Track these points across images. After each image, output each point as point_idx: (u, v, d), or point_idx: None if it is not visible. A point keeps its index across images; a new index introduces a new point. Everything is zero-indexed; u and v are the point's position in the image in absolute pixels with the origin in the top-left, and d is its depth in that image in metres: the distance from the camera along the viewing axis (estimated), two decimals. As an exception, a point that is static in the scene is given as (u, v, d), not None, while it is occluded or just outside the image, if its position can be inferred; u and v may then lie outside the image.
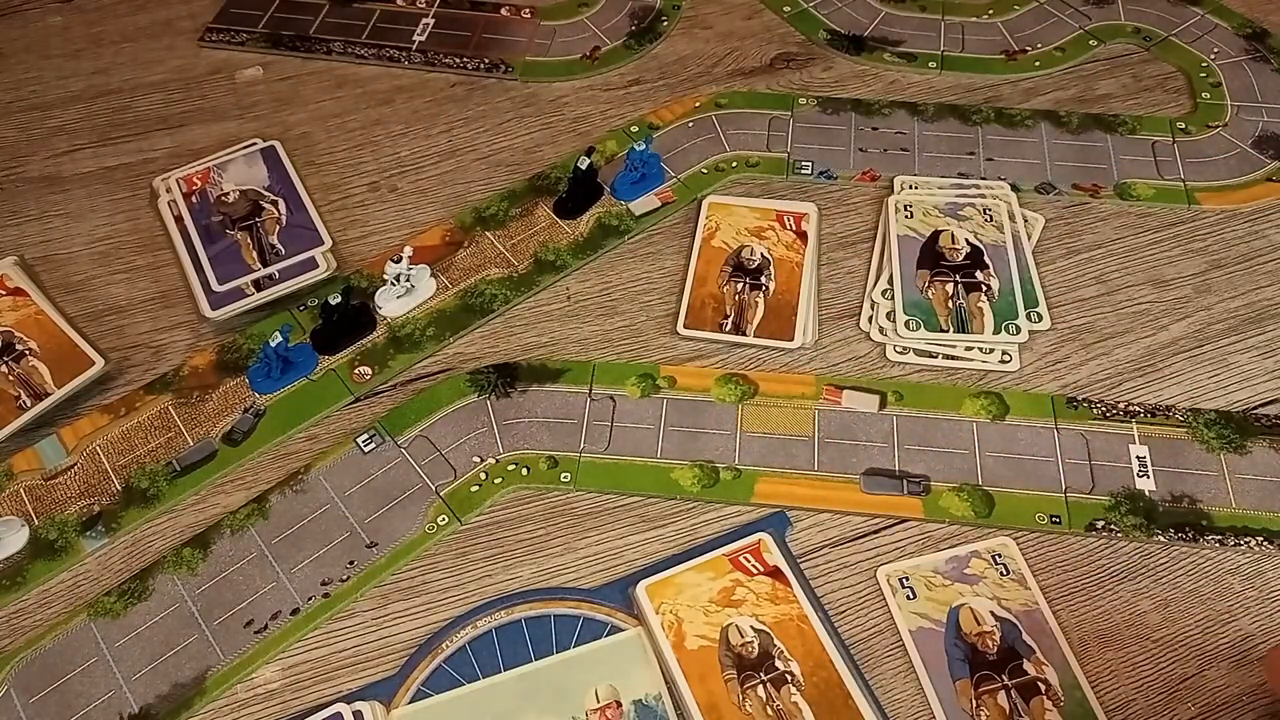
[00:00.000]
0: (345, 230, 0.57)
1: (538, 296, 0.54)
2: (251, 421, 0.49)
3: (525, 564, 0.45)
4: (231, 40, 0.67)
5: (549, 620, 0.43)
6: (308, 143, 0.61)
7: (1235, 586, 0.44)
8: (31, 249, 0.56)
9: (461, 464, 0.48)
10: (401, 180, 0.59)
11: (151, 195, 0.58)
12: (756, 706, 0.40)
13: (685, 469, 0.47)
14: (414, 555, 0.45)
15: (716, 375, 0.50)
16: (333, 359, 0.52)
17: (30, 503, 0.47)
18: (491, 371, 0.51)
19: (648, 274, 0.55)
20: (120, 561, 0.46)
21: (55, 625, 0.44)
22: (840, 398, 0.50)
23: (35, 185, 0.59)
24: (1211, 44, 0.66)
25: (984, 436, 0.48)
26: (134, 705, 0.41)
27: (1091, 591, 0.44)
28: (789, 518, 0.46)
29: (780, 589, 0.43)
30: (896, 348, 0.52)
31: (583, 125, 0.62)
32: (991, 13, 0.68)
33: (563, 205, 0.57)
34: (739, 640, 0.42)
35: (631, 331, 0.53)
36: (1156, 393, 0.50)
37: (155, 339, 0.53)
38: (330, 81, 0.65)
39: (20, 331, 0.51)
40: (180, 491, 0.47)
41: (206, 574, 0.45)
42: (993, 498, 0.46)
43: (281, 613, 0.44)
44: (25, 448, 0.49)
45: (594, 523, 0.46)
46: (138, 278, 0.55)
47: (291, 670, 0.43)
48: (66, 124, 0.63)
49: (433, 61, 0.65)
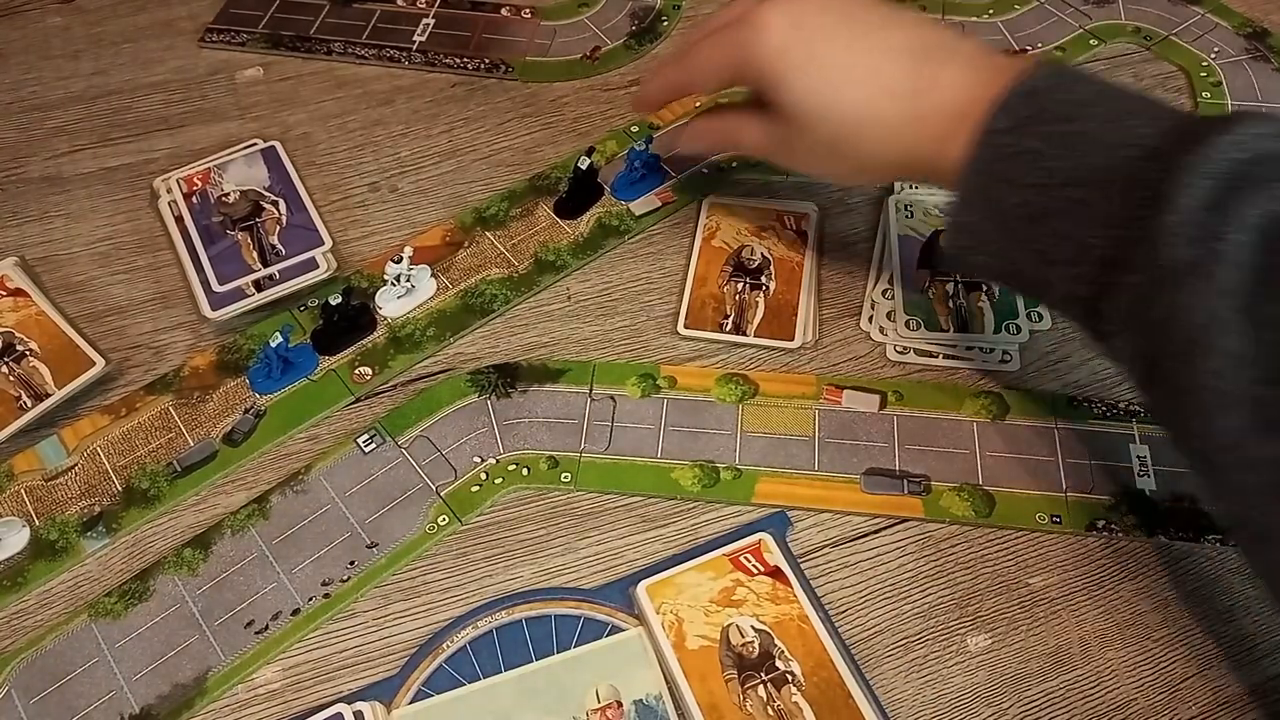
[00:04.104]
0: (346, 230, 0.57)
1: (538, 296, 0.54)
2: (252, 422, 0.49)
3: (526, 564, 0.45)
4: (232, 41, 0.67)
5: (550, 620, 0.43)
6: (308, 143, 0.61)
7: (1235, 586, 0.44)
8: (32, 249, 0.56)
9: (462, 464, 0.48)
10: (402, 180, 0.59)
11: (152, 196, 0.58)
12: (757, 706, 0.40)
13: (686, 469, 0.47)
14: (414, 555, 0.45)
15: (717, 375, 0.51)
16: (333, 359, 0.52)
17: (31, 503, 0.47)
18: (492, 371, 0.51)
19: (648, 274, 0.55)
20: (121, 562, 0.46)
21: (56, 626, 0.44)
22: (840, 398, 0.50)
23: (36, 186, 0.60)
24: (1212, 43, 0.66)
25: (984, 436, 0.48)
26: (135, 705, 0.42)
27: (1091, 591, 0.44)
28: (789, 518, 0.46)
29: (781, 589, 0.43)
30: (897, 347, 0.52)
31: (583, 125, 0.62)
32: (992, 12, 0.68)
33: (563, 205, 0.57)
34: (740, 640, 0.42)
35: (632, 331, 0.53)
36: (1157, 392, 0.50)
37: (156, 339, 0.53)
38: (330, 82, 0.65)
39: (21, 332, 0.51)
40: (181, 492, 0.47)
41: (207, 574, 0.45)
42: (993, 497, 0.46)
43: (282, 613, 0.44)
44: (26, 448, 0.49)
45: (594, 523, 0.46)
46: (138, 278, 0.55)
47: (292, 670, 0.43)
48: (67, 124, 0.63)
49: (433, 62, 0.65)
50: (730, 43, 0.46)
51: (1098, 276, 0.39)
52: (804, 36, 0.44)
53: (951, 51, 0.44)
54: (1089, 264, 0.39)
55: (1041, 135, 0.40)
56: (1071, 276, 0.40)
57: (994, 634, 0.43)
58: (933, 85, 0.43)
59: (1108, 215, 0.38)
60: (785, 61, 0.45)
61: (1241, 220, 0.35)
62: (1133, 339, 0.38)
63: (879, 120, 0.44)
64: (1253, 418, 0.34)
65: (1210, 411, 0.35)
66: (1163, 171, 0.36)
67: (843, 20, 0.45)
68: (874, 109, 0.44)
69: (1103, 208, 0.38)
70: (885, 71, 0.44)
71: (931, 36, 0.45)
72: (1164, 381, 0.37)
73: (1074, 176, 0.39)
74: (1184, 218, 0.35)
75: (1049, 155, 0.39)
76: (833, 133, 0.45)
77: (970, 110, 0.41)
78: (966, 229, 0.43)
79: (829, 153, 0.46)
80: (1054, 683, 0.42)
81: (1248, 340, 0.34)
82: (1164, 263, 0.36)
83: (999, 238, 0.42)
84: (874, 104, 0.44)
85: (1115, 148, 0.38)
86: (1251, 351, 0.34)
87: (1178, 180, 0.36)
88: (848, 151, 0.46)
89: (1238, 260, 0.34)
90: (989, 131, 0.41)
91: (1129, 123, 0.38)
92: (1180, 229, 0.35)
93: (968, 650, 0.43)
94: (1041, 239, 0.40)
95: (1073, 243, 0.39)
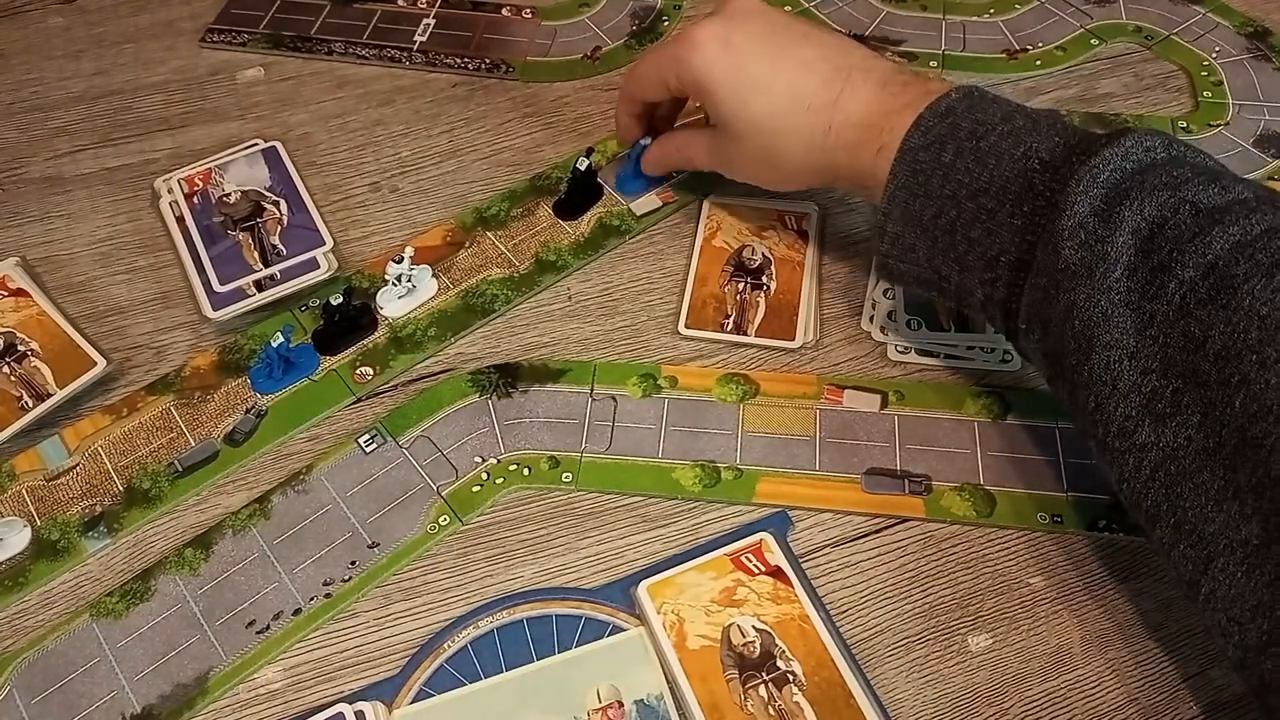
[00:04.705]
0: (346, 230, 0.57)
1: (539, 296, 0.54)
2: (253, 422, 0.49)
3: (527, 564, 0.45)
4: (233, 41, 0.67)
5: (551, 620, 0.43)
6: (309, 143, 0.61)
7: (1237, 586, 0.44)
8: (33, 250, 0.56)
9: (463, 464, 0.48)
10: (402, 180, 0.59)
11: (153, 196, 0.58)
12: (758, 706, 0.40)
13: (687, 469, 0.47)
14: (416, 555, 0.45)
15: (718, 375, 0.51)
16: (334, 359, 0.52)
17: (32, 503, 0.47)
18: (493, 371, 0.51)
19: (649, 274, 0.55)
20: (122, 562, 0.46)
21: (57, 626, 0.44)
22: (841, 397, 0.50)
23: (36, 186, 0.60)
24: (1213, 43, 0.66)
25: (985, 436, 0.48)
26: (136, 705, 0.42)
27: (1093, 590, 0.44)
28: (790, 517, 0.46)
29: (782, 589, 0.43)
30: (898, 347, 0.52)
31: (583, 125, 0.62)
32: (993, 11, 0.68)
33: (562, 206, 0.57)
34: (741, 640, 0.42)
35: (633, 331, 0.53)
36: (1158, 392, 0.49)
37: (157, 339, 0.53)
38: (331, 82, 0.65)
39: (22, 332, 0.51)
40: (182, 492, 0.47)
41: (208, 574, 0.45)
42: (994, 497, 0.46)
43: (283, 613, 0.44)
44: (27, 448, 0.49)
45: (595, 523, 0.46)
46: (139, 278, 0.55)
47: (293, 670, 0.43)
48: (68, 125, 0.63)
49: (434, 62, 0.66)
50: (667, 58, 0.50)
51: (1010, 279, 0.42)
52: (732, 54, 0.48)
53: (865, 70, 0.47)
54: (1002, 268, 0.42)
55: (954, 151, 0.43)
56: (988, 280, 0.43)
57: (995, 634, 0.43)
58: (842, 98, 0.47)
59: (1012, 222, 0.41)
60: (714, 77, 0.48)
61: (1124, 224, 0.38)
62: (1040, 337, 0.41)
63: (797, 130, 0.48)
64: (1142, 408, 0.37)
65: (1104, 402, 0.38)
66: (1059, 182, 0.40)
67: (768, 39, 0.48)
68: (792, 120, 0.48)
69: (1008, 215, 0.42)
70: (802, 85, 0.47)
71: (849, 56, 0.48)
72: (1066, 376, 0.40)
73: (982, 187, 0.42)
74: (1076, 222, 0.39)
75: (959, 169, 0.43)
76: (760, 143, 0.49)
77: (876, 123, 0.45)
78: (891, 239, 0.46)
79: (760, 161, 0.50)
80: (1055, 682, 0.42)
81: (1133, 335, 0.37)
82: (1061, 265, 0.39)
83: (922, 246, 0.45)
84: (791, 115, 0.47)
85: (1018, 159, 0.42)
86: (1136, 345, 0.37)
87: (1072, 188, 0.39)
88: (776, 160, 0.49)
89: (1121, 261, 0.38)
90: (907, 149, 0.44)
91: (1030, 139, 0.42)
92: (1073, 233, 0.39)
93: (969, 650, 0.43)
94: (958, 245, 0.43)
95: (985, 248, 0.42)
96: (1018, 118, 0.43)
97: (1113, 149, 0.39)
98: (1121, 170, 0.39)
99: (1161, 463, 0.37)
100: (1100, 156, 0.39)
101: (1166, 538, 0.37)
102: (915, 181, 0.44)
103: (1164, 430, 0.37)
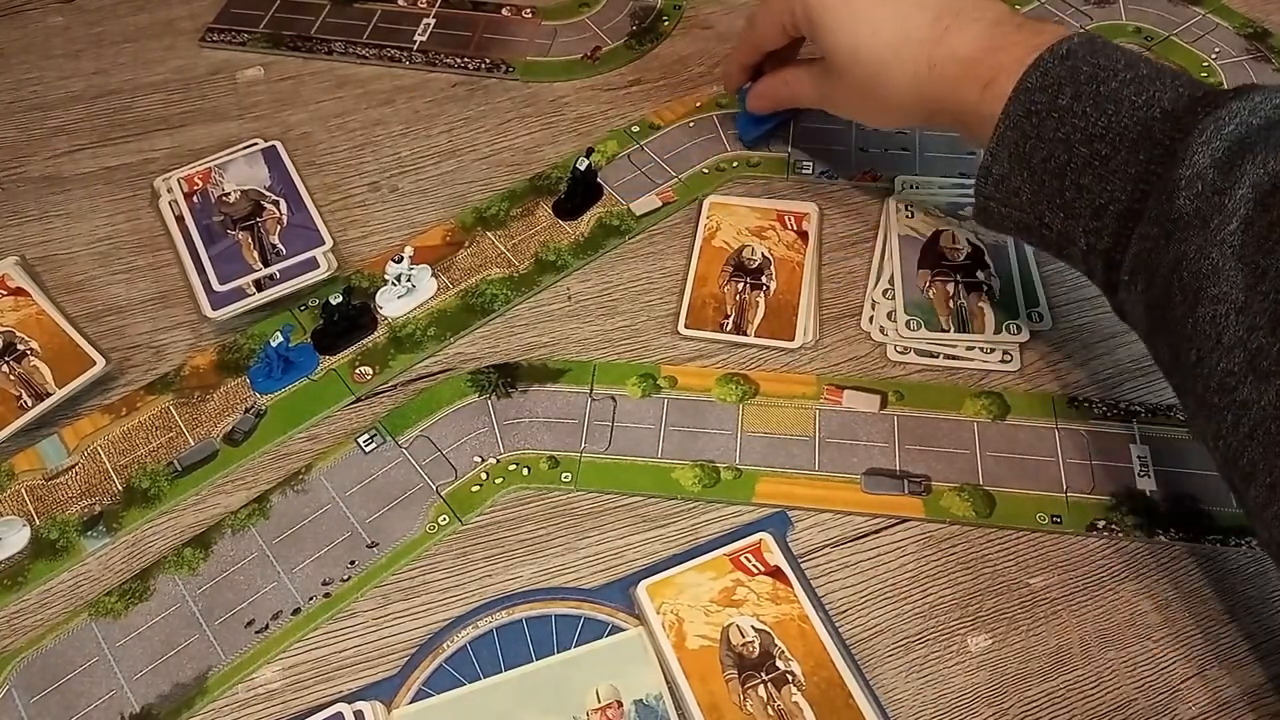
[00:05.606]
0: (346, 230, 0.57)
1: (538, 296, 0.54)
2: (252, 421, 0.49)
3: (526, 564, 0.45)
4: (232, 40, 0.67)
5: (550, 620, 0.43)
6: (308, 143, 0.61)
7: (1235, 587, 0.44)
8: (32, 249, 0.56)
9: (462, 464, 0.48)
10: (402, 180, 0.59)
11: (152, 195, 0.58)
12: (757, 706, 0.40)
13: (686, 469, 0.47)
14: (415, 555, 0.45)
15: (717, 375, 0.51)
16: (334, 359, 0.52)
17: (31, 503, 0.47)
18: (492, 371, 0.51)
19: (648, 274, 0.55)
20: (121, 561, 0.46)
21: (56, 625, 0.44)
22: (841, 398, 0.50)
23: (36, 185, 0.60)
24: (1213, 44, 0.66)
25: (985, 436, 0.48)
26: (135, 705, 0.42)
27: (1092, 591, 0.44)
28: (790, 518, 0.46)
29: (781, 589, 0.43)
30: (897, 347, 0.52)
31: (583, 125, 0.62)
32: (992, 12, 0.68)
33: (561, 206, 0.57)
34: (740, 640, 0.42)
35: (632, 331, 0.53)
36: (1157, 393, 0.50)
37: (156, 339, 0.53)
38: (331, 81, 0.65)
39: (21, 331, 0.51)
40: (181, 491, 0.47)
41: (207, 574, 0.45)
42: (994, 497, 0.46)
43: (282, 612, 0.44)
44: (26, 448, 0.49)
45: (595, 523, 0.46)
46: (138, 278, 0.55)
47: (292, 670, 0.43)
48: (67, 124, 0.63)
49: (433, 61, 0.65)
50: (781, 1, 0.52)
51: (1118, 229, 0.41)
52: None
53: (978, 9, 0.47)
54: (1109, 216, 0.42)
55: (1071, 94, 0.42)
56: (1094, 229, 0.42)
57: (994, 634, 0.43)
58: (949, 34, 0.47)
59: (1127, 169, 0.41)
60: (824, 10, 0.49)
61: (1245, 177, 0.37)
62: (1144, 289, 0.41)
63: (900, 63, 0.48)
64: (1246, 364, 0.36)
65: (1206, 356, 0.38)
66: (1180, 131, 0.39)
67: None
68: (895, 53, 0.48)
69: (1123, 162, 0.41)
70: (911, 19, 0.48)
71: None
72: (1167, 328, 0.40)
73: (1098, 133, 0.42)
74: (1195, 172, 0.38)
75: (1076, 113, 0.42)
76: (863, 74, 0.49)
77: (982, 59, 0.45)
78: (996, 181, 0.45)
79: (862, 95, 0.51)
80: (1054, 682, 0.42)
81: (1243, 290, 0.37)
82: (1174, 215, 0.39)
83: (1027, 190, 0.44)
84: (895, 48, 0.48)
85: (1138, 108, 0.41)
86: (1245, 300, 0.36)
87: (1194, 138, 0.39)
88: (879, 93, 0.50)
89: (1238, 214, 0.37)
90: (1022, 89, 0.43)
91: (1152, 88, 0.41)
92: (1190, 183, 0.38)
93: (968, 650, 0.43)
94: (1066, 191, 0.43)
95: (1094, 195, 0.42)
96: (1141, 65, 0.42)
97: (1240, 102, 0.39)
98: (1247, 125, 0.38)
99: (1261, 421, 0.36)
100: (1226, 109, 0.39)
101: (1261, 497, 0.36)
102: (1028, 123, 0.43)
103: (1267, 389, 0.35)
